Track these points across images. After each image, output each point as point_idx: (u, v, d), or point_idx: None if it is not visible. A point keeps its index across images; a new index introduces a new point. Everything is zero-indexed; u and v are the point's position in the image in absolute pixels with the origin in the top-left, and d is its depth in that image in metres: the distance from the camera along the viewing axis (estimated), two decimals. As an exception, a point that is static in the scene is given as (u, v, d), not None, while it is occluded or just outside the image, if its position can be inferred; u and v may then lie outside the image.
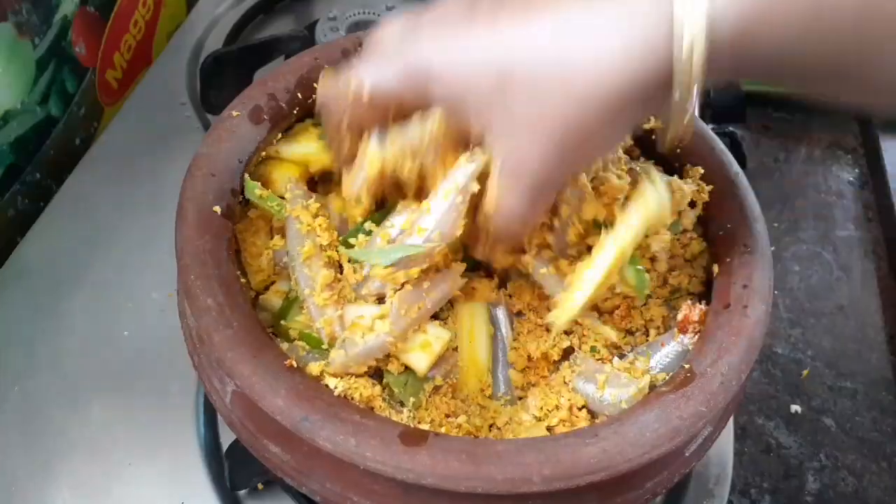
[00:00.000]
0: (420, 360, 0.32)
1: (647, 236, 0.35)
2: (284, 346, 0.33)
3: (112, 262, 0.51)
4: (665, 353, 0.34)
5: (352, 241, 0.35)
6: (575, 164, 0.32)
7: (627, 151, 0.40)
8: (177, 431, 0.44)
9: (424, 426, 0.32)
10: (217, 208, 0.32)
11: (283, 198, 0.36)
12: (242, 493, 0.42)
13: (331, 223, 0.36)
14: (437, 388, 0.33)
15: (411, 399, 0.32)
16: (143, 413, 0.45)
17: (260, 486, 0.42)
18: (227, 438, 0.44)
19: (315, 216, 0.35)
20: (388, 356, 0.33)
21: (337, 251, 0.35)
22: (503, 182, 0.30)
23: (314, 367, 0.31)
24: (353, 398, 0.31)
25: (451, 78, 0.30)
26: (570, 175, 0.33)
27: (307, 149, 0.38)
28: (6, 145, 0.53)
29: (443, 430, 0.32)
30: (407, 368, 0.33)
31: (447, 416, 0.33)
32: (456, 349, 0.35)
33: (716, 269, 0.36)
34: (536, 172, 0.30)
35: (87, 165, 0.57)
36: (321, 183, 0.39)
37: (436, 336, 0.33)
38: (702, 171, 0.38)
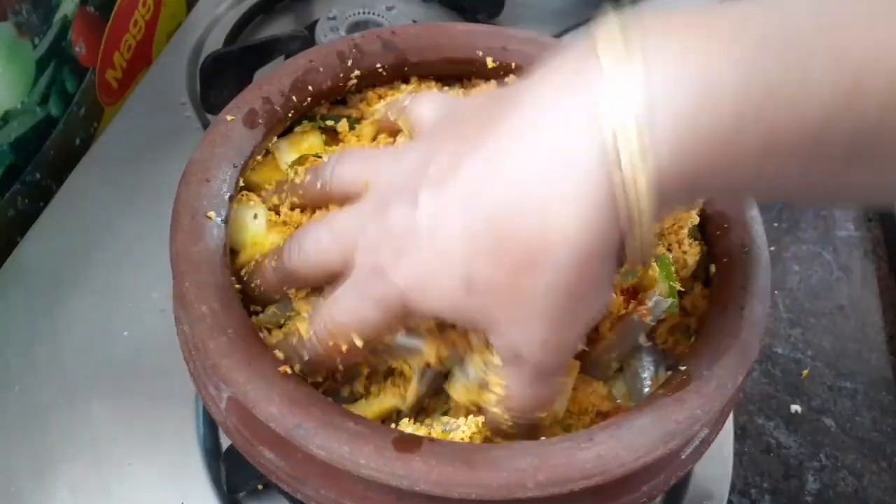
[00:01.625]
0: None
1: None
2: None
3: (112, 262, 0.51)
4: None
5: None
6: (574, 330, 0.28)
7: None
8: (177, 431, 0.44)
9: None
10: (212, 214, 0.32)
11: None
12: (241, 494, 0.42)
13: None
14: None
15: None
16: (143, 413, 0.45)
17: (259, 486, 0.42)
18: (226, 439, 0.44)
19: None
20: None
21: None
22: (507, 375, 0.29)
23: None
24: None
25: (425, 305, 0.28)
26: (576, 342, 0.29)
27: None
28: (6, 145, 0.53)
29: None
30: None
31: None
32: None
33: (713, 269, 0.36)
34: (536, 353, 0.28)
35: (87, 165, 0.57)
36: None
37: None
38: None
